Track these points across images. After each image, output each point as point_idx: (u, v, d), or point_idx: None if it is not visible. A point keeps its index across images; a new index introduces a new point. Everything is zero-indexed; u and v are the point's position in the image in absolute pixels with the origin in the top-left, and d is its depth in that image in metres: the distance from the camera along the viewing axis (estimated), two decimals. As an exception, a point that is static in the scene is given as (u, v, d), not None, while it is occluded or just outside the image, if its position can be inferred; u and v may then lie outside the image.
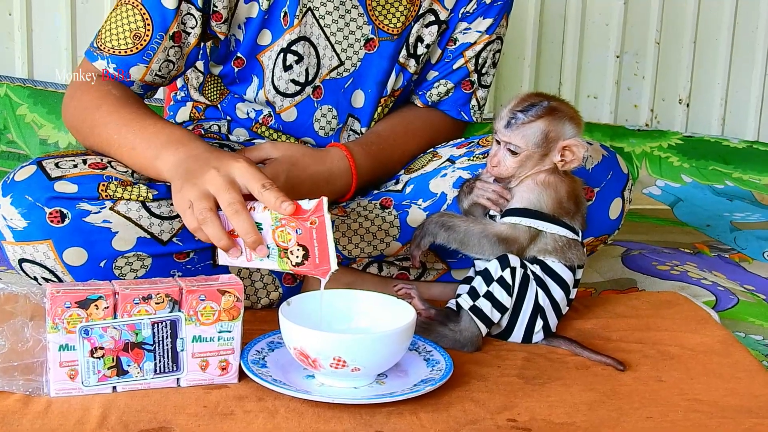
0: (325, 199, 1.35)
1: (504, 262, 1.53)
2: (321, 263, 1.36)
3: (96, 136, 1.64)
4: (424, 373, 1.40)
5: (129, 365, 1.33)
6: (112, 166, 1.61)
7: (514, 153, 1.54)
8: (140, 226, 1.57)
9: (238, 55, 1.80)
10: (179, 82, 1.97)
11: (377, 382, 1.38)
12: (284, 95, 1.82)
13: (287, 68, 1.79)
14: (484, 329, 1.54)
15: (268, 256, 1.39)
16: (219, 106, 1.90)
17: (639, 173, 2.91)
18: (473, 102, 1.93)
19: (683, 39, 3.11)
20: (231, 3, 1.74)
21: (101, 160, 1.62)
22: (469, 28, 1.88)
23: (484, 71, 1.92)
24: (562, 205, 1.56)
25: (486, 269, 1.54)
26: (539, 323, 1.57)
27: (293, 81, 1.81)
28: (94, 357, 1.31)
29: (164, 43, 1.69)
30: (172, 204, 1.57)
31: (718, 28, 3.12)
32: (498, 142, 1.57)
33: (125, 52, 1.69)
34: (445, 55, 1.90)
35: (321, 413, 1.30)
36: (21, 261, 1.57)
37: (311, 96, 1.83)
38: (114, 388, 1.34)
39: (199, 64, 1.89)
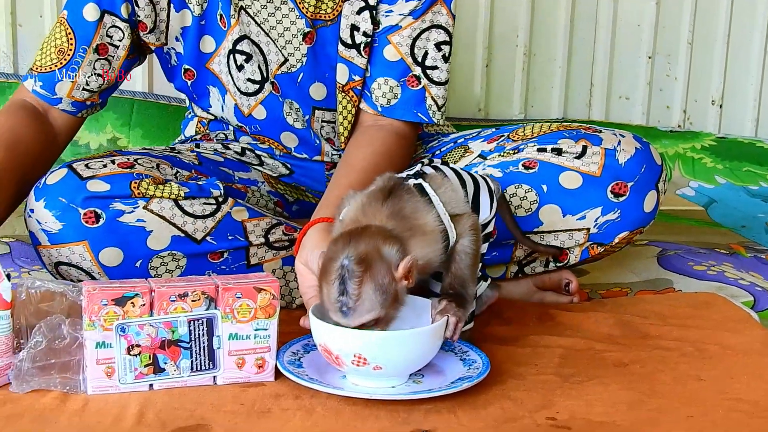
0: None
1: (417, 175, 1.45)
2: None
3: None
4: (461, 371, 1.39)
5: (166, 363, 1.33)
6: (139, 164, 1.62)
7: None
8: (174, 225, 1.57)
9: (186, 66, 1.80)
10: (185, 98, 1.99)
11: (414, 382, 1.37)
12: (248, 95, 1.81)
13: (239, 68, 1.78)
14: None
15: None
16: (217, 116, 1.91)
17: (672, 174, 2.89)
18: (429, 101, 1.78)
19: (716, 40, 3.10)
20: (153, 12, 1.73)
21: (128, 159, 1.63)
22: (391, 11, 1.77)
23: (429, 64, 1.78)
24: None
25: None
26: (485, 193, 1.52)
27: (250, 80, 1.80)
28: (130, 354, 1.31)
29: (88, 56, 1.71)
30: (204, 203, 1.60)
31: (751, 29, 3.10)
32: None
33: (50, 68, 1.71)
34: (373, 39, 1.79)
35: (358, 411, 1.29)
36: (57, 264, 1.57)
37: (273, 92, 1.81)
38: (151, 385, 1.33)
39: None
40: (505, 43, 3.04)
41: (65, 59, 1.70)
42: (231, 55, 1.78)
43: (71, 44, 1.70)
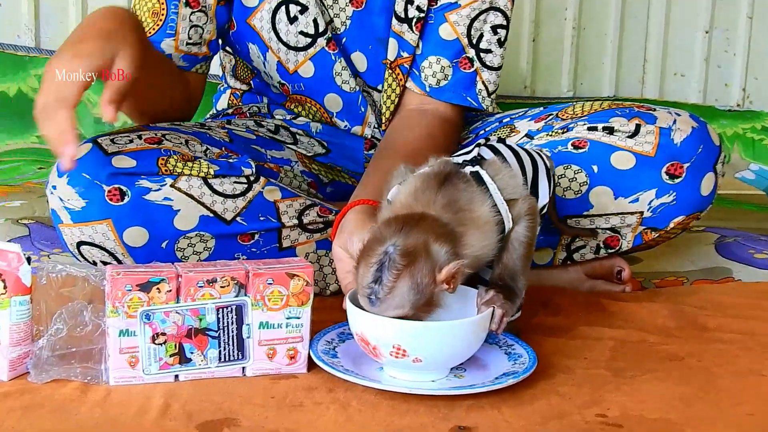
0: None
1: (474, 162, 1.41)
2: None
3: None
4: (506, 366, 1.35)
5: (192, 353, 1.30)
6: (167, 139, 1.60)
7: None
8: (203, 204, 1.55)
9: (231, 17, 1.81)
10: (219, 71, 2.00)
11: (455, 376, 1.33)
12: (296, 49, 1.79)
13: (292, 20, 1.77)
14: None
15: None
16: (252, 83, 1.90)
17: (731, 157, 2.87)
18: (479, 86, 1.78)
19: (777, 13, 3.06)
20: None
21: (155, 134, 1.61)
22: None
23: (483, 47, 1.77)
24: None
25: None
26: (543, 175, 1.48)
27: (302, 33, 1.78)
28: (155, 343, 1.28)
29: (181, 10, 1.72)
30: (235, 181, 1.58)
31: (815, 1, 3.07)
32: None
33: (150, 32, 1.72)
34: (429, 16, 1.77)
35: (396, 406, 1.25)
36: (79, 244, 1.54)
37: (326, 48, 1.79)
38: (176, 376, 1.30)
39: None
40: (553, 17, 3.02)
41: (161, 20, 1.72)
42: (284, 6, 1.76)
43: (162, 4, 1.72)
